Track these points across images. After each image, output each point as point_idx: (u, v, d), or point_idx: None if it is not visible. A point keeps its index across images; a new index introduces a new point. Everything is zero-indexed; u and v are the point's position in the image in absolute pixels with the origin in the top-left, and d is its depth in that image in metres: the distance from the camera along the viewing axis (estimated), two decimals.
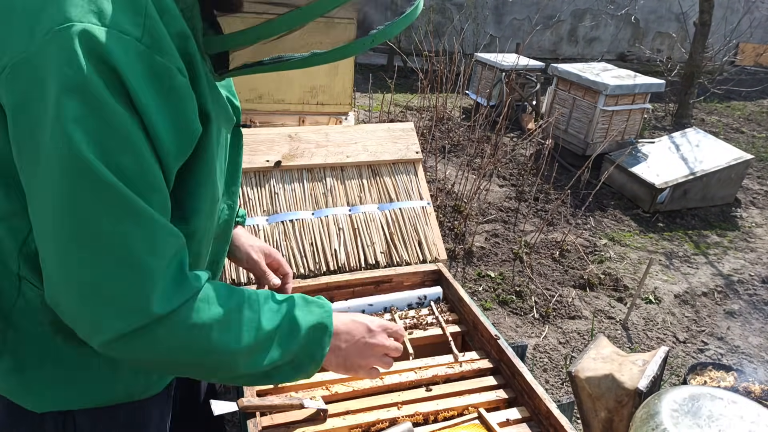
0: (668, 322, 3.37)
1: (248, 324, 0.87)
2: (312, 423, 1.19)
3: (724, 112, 7.88)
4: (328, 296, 1.62)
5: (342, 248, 1.90)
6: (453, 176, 4.65)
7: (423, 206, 2.05)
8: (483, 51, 8.37)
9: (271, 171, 1.98)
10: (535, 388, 1.25)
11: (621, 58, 10.22)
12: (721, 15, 8.92)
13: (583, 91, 5.14)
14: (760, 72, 9.25)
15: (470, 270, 3.64)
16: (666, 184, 4.55)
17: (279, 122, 2.74)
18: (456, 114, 6.36)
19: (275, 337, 0.90)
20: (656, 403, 1.34)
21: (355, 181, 2.05)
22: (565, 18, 9.79)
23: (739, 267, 4.05)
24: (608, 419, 1.61)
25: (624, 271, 3.85)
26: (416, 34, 7.76)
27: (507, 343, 1.39)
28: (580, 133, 5.21)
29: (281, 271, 1.31)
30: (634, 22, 10.13)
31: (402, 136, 2.16)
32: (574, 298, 3.47)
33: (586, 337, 3.13)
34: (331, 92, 2.74)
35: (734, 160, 4.72)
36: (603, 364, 1.67)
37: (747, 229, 4.64)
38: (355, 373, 1.06)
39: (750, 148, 6.24)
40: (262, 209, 1.92)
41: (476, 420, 1.25)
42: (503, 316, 3.24)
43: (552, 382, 2.80)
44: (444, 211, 4.16)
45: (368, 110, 5.91)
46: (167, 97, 0.74)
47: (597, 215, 4.57)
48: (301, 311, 0.94)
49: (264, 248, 1.30)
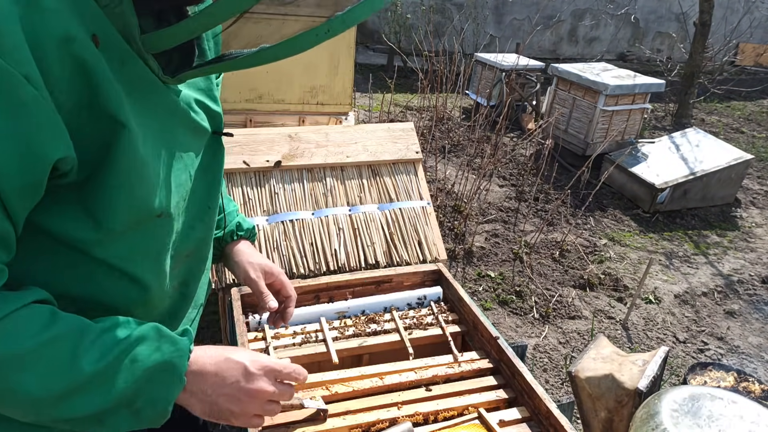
0: (668, 322, 3.37)
1: (60, 363, 0.73)
2: (312, 423, 1.19)
3: (724, 112, 7.88)
4: (327, 296, 1.62)
5: (342, 248, 1.90)
6: (453, 176, 4.65)
7: (423, 206, 2.05)
8: (483, 51, 8.38)
9: (271, 171, 1.98)
10: (535, 388, 1.25)
11: (621, 58, 10.22)
12: (721, 15, 8.93)
13: (583, 91, 5.14)
14: (760, 72, 9.26)
15: (470, 270, 3.64)
16: (666, 184, 4.55)
17: (279, 122, 2.74)
18: (456, 114, 6.37)
19: (102, 378, 0.75)
20: (656, 403, 1.34)
21: (355, 181, 2.05)
22: (565, 18, 9.79)
23: (739, 267, 4.05)
24: (608, 419, 1.61)
25: (624, 271, 3.85)
26: (416, 34, 7.76)
27: (507, 343, 1.39)
28: (580, 133, 5.21)
29: (283, 294, 1.22)
30: (634, 22, 10.13)
31: (402, 136, 2.16)
32: (574, 298, 3.47)
33: (586, 337, 3.13)
34: (331, 92, 2.74)
35: (734, 160, 4.72)
36: (603, 364, 1.67)
37: (747, 229, 4.64)
38: (229, 423, 0.90)
39: (750, 148, 6.24)
40: (262, 209, 1.92)
41: (476, 420, 1.25)
42: (503, 316, 3.24)
43: (552, 382, 2.80)
44: (444, 211, 4.16)
45: (368, 110, 5.92)
46: (5, 109, 0.62)
47: (597, 215, 4.57)
48: (146, 347, 0.80)
49: (266, 267, 1.21)
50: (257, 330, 1.49)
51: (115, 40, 0.72)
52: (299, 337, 1.46)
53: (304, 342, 1.45)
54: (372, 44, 8.94)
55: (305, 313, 1.54)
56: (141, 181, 0.79)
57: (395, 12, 8.58)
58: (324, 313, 1.55)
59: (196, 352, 0.87)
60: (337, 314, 1.58)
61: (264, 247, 1.84)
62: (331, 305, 1.59)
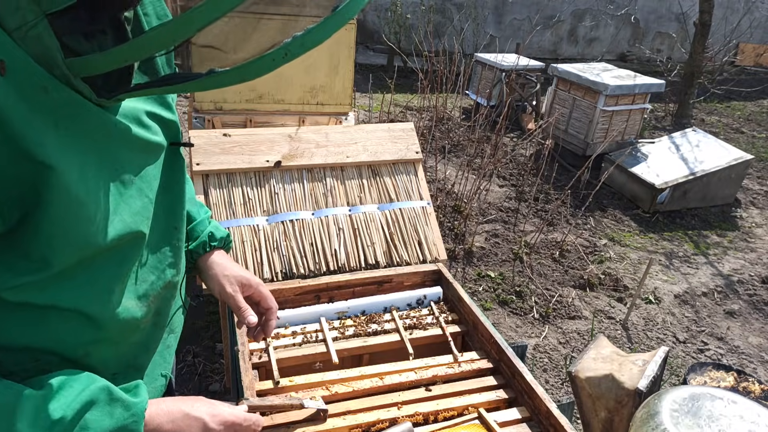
0: (668, 322, 3.37)
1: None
2: (312, 423, 1.19)
3: (724, 112, 7.88)
4: (327, 296, 1.62)
5: (342, 248, 1.90)
6: (453, 176, 4.65)
7: (423, 206, 2.05)
8: (483, 51, 8.38)
9: (271, 171, 1.98)
10: (535, 388, 1.25)
11: (621, 58, 10.22)
12: (721, 15, 8.93)
13: (583, 91, 5.14)
14: (760, 72, 9.26)
15: (470, 270, 3.64)
16: (666, 184, 4.55)
17: (279, 122, 2.74)
18: (456, 114, 6.37)
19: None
20: (656, 403, 1.34)
21: (355, 181, 2.05)
22: (565, 18, 9.79)
23: (739, 267, 4.05)
24: (608, 419, 1.61)
25: (624, 271, 3.85)
26: (416, 34, 7.76)
27: (507, 343, 1.39)
28: (580, 133, 5.21)
29: (263, 306, 1.14)
30: (634, 22, 10.13)
31: (402, 136, 2.16)
32: (574, 298, 3.47)
33: (586, 337, 3.13)
34: (331, 92, 2.74)
35: (734, 160, 4.73)
36: (603, 364, 1.67)
37: (747, 229, 4.64)
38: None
39: (750, 148, 6.24)
40: (262, 209, 1.92)
41: (476, 420, 1.25)
42: (503, 316, 3.24)
43: (552, 382, 2.80)
44: (444, 211, 4.16)
45: (368, 110, 5.92)
46: None
47: (597, 215, 4.57)
48: (97, 413, 0.74)
49: (242, 278, 1.11)
50: None
51: (29, 68, 0.64)
52: (299, 337, 1.46)
53: (304, 342, 1.45)
54: (372, 44, 8.94)
55: (305, 313, 1.54)
56: (77, 220, 0.72)
57: (395, 12, 8.58)
58: (324, 313, 1.56)
59: (150, 409, 0.82)
60: (337, 314, 1.58)
61: (264, 247, 1.84)
62: (331, 305, 1.59)
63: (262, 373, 1.37)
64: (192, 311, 2.92)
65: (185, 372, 2.55)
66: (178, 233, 0.95)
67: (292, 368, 1.39)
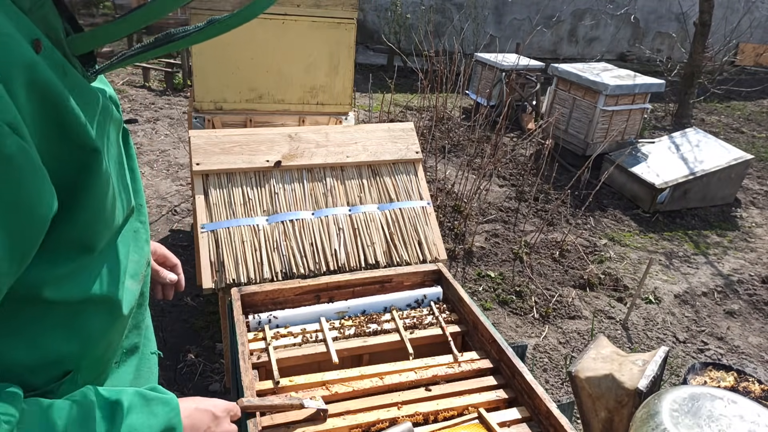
0: (668, 322, 3.37)
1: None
2: (312, 423, 1.19)
3: (724, 112, 7.88)
4: (327, 296, 1.62)
5: (342, 248, 1.90)
6: (453, 176, 4.65)
7: (423, 206, 2.05)
8: (483, 51, 8.38)
9: (271, 171, 1.98)
10: (535, 388, 1.25)
11: (621, 58, 10.22)
12: (721, 15, 8.93)
13: (583, 91, 5.14)
14: (760, 72, 9.26)
15: (470, 270, 3.64)
16: (666, 184, 4.55)
17: (279, 122, 2.74)
18: (456, 114, 6.37)
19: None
20: (656, 403, 1.34)
21: (355, 181, 2.05)
22: (565, 18, 9.79)
23: (739, 267, 4.05)
24: (608, 419, 1.61)
25: (624, 271, 3.85)
26: (416, 34, 7.76)
27: (507, 343, 1.39)
28: (580, 133, 5.21)
29: (169, 263, 1.19)
30: (634, 21, 10.13)
31: (402, 136, 2.16)
32: (574, 298, 3.47)
33: (586, 337, 3.13)
34: (331, 92, 2.74)
35: (734, 160, 4.73)
36: (603, 364, 1.67)
37: (747, 229, 4.64)
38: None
39: (750, 148, 6.24)
40: (262, 209, 1.92)
41: (476, 420, 1.25)
42: (503, 316, 3.24)
43: (552, 382, 2.80)
44: (444, 211, 4.16)
45: (368, 110, 5.92)
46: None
47: (597, 215, 4.57)
48: (140, 416, 0.77)
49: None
50: (257, 330, 1.49)
51: (50, 48, 0.62)
52: (299, 337, 1.46)
53: (304, 342, 1.45)
54: (372, 44, 8.94)
55: (305, 313, 1.54)
56: (106, 199, 0.73)
57: (395, 12, 8.58)
58: (324, 313, 1.55)
59: None
60: (337, 314, 1.58)
61: (264, 247, 1.84)
62: (331, 305, 1.59)
63: (262, 373, 1.37)
64: (192, 311, 2.92)
65: (185, 372, 2.55)
66: (144, 209, 0.97)
67: (292, 368, 1.39)
